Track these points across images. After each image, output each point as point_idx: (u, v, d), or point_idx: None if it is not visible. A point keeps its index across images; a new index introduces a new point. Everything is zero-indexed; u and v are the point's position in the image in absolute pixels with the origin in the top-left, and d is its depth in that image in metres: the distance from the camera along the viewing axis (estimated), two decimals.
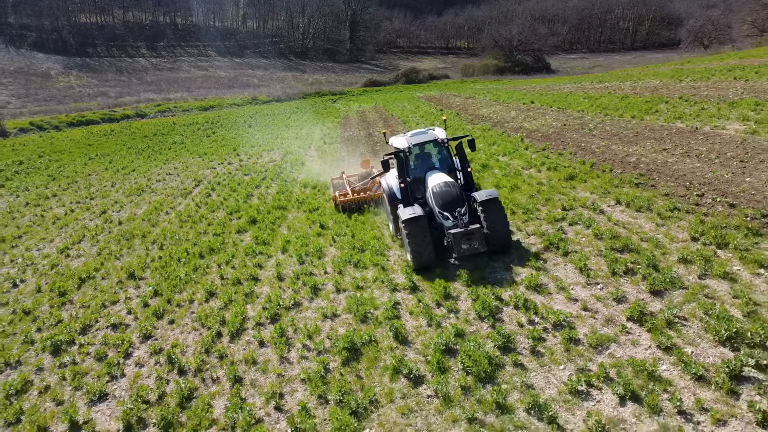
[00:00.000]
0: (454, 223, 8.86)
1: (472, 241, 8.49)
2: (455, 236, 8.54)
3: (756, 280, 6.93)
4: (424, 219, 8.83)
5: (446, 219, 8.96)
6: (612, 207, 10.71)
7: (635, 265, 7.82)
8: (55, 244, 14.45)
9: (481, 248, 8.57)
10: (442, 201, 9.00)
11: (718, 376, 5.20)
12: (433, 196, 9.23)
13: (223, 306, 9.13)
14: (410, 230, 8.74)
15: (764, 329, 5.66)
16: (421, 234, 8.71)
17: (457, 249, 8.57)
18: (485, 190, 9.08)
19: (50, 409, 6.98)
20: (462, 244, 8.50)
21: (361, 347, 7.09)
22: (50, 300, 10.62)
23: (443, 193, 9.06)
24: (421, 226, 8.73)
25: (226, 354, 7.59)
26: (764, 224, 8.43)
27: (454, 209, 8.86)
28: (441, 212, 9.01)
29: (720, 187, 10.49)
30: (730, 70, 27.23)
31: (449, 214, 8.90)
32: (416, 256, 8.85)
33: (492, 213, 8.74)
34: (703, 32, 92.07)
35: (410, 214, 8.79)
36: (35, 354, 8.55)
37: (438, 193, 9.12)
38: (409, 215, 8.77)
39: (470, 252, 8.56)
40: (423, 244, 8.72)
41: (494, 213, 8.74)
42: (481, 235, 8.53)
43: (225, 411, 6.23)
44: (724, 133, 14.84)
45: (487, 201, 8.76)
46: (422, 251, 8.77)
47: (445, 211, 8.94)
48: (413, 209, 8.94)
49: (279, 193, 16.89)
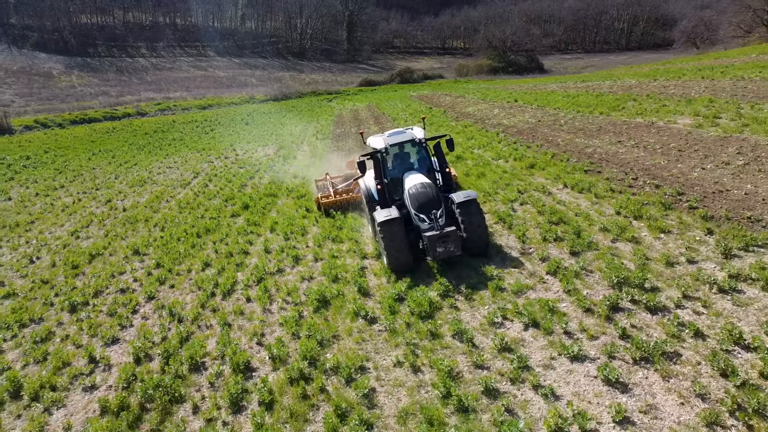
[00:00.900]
0: (430, 225, 8.66)
1: (447, 243, 8.31)
2: (430, 239, 8.35)
3: (656, 242, 8.39)
4: (400, 221, 8.65)
5: (422, 221, 8.77)
6: (559, 190, 12.17)
7: (563, 233, 9.27)
8: (65, 228, 15.87)
9: (457, 251, 8.38)
10: (418, 202, 8.81)
11: (600, 308, 6.66)
12: (409, 197, 9.03)
13: (217, 273, 10.56)
14: (386, 233, 8.58)
15: (644, 275, 7.12)
16: (396, 236, 8.56)
17: (432, 252, 8.39)
18: (463, 191, 8.95)
19: (71, 350, 8.40)
20: (437, 247, 8.31)
21: (330, 299, 8.52)
22: (65, 272, 12.04)
23: (419, 195, 8.85)
24: (396, 229, 8.57)
25: (218, 308, 9.02)
26: (676, 200, 9.89)
27: (430, 211, 8.68)
28: (417, 214, 8.83)
29: (654, 172, 11.95)
30: (700, 70, 28.73)
31: (425, 216, 8.71)
32: (392, 258, 8.74)
33: (469, 215, 8.59)
34: (695, 33, 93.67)
35: (386, 216, 8.60)
36: (55, 312, 9.98)
37: (414, 195, 8.92)
38: (384, 217, 8.58)
39: (445, 255, 8.39)
40: (399, 247, 8.59)
41: (472, 215, 8.60)
42: (456, 237, 8.36)
43: (216, 346, 7.67)
44: (675, 127, 16.30)
45: (464, 202, 8.60)
46: (398, 254, 8.65)
47: (421, 212, 8.75)
48: (389, 211, 8.77)
49: (271, 183, 18.32)
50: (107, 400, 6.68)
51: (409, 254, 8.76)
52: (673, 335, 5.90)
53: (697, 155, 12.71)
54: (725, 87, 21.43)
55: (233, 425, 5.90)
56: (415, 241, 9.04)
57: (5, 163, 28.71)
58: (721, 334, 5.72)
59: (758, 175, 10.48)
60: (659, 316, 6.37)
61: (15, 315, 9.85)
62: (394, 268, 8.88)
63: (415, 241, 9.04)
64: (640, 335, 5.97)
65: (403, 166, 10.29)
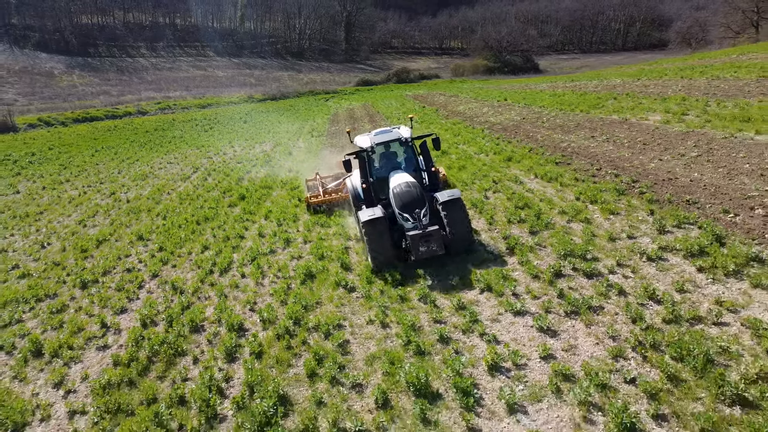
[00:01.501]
0: (413, 224, 8.65)
1: (430, 243, 8.31)
2: (413, 238, 8.36)
3: (604, 222, 9.44)
4: (383, 220, 8.64)
5: (406, 220, 8.78)
6: (530, 180, 13.22)
7: (526, 216, 10.32)
8: (72, 218, 16.89)
9: (440, 250, 8.39)
10: (401, 202, 8.83)
11: (546, 275, 7.70)
12: (393, 196, 9.04)
13: (215, 254, 11.59)
14: (369, 232, 8.58)
15: (587, 248, 8.17)
16: (379, 236, 8.55)
17: (414, 251, 8.40)
18: (447, 191, 8.96)
19: (85, 318, 9.42)
20: (420, 247, 8.33)
21: (316, 273, 9.56)
22: (75, 255, 13.06)
23: (403, 194, 8.88)
24: (380, 228, 8.56)
25: (215, 283, 10.05)
26: (630, 187, 10.95)
27: (413, 210, 8.69)
28: (400, 213, 8.85)
29: (617, 163, 13.00)
30: (682, 70, 29.80)
31: (409, 215, 8.72)
32: (375, 258, 8.72)
33: (453, 214, 8.60)
34: (690, 33, 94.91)
35: (369, 215, 8.63)
36: (68, 288, 11.00)
37: (398, 194, 8.95)
38: (368, 217, 8.60)
39: (428, 254, 8.39)
40: (382, 246, 8.59)
41: (455, 213, 8.61)
42: (439, 236, 8.35)
43: (213, 312, 8.70)
44: (645, 123, 17.36)
45: (448, 201, 8.62)
46: (381, 253, 8.65)
47: (405, 212, 8.76)
48: (373, 210, 8.80)
49: (266, 176, 19.36)
50: (119, 355, 7.72)
51: (393, 254, 8.76)
52: (601, 294, 6.95)
53: (658, 148, 13.77)
54: (700, 86, 22.49)
55: (228, 371, 6.92)
56: (399, 240, 8.98)
57: (11, 159, 29.72)
58: (638, 292, 6.77)
59: (706, 165, 11.53)
60: (593, 280, 7.42)
61: (31, 291, 10.87)
62: (377, 268, 8.81)
63: (399, 240, 8.98)
64: (573, 294, 7.02)
65: (389, 165, 10.32)
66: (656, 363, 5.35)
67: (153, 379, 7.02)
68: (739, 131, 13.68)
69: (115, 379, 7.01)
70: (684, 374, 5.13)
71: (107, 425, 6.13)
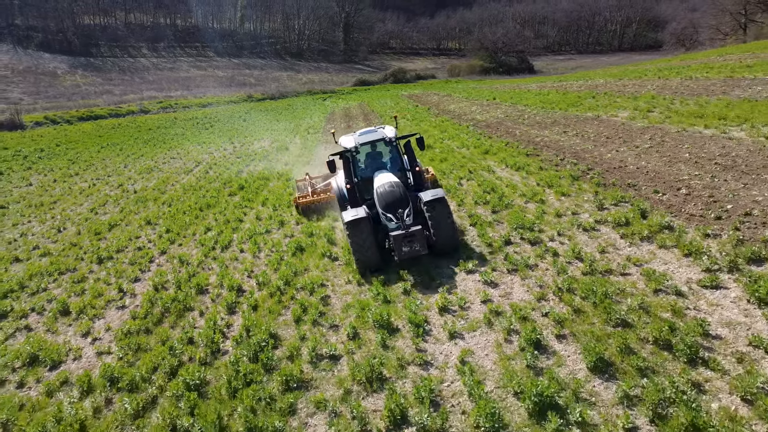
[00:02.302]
0: (397, 224, 8.64)
1: (413, 243, 8.30)
2: (395, 238, 8.35)
3: (556, 202, 10.86)
4: (367, 221, 8.61)
5: (389, 220, 8.79)
6: (501, 169, 14.63)
7: (490, 198, 11.72)
8: (84, 207, 18.28)
9: (423, 250, 8.36)
10: (385, 202, 8.82)
11: (497, 243, 9.11)
12: (377, 196, 9.05)
13: (217, 235, 12.98)
14: (352, 232, 8.54)
15: (535, 221, 9.58)
16: (363, 236, 8.51)
17: (397, 251, 8.37)
18: (431, 190, 8.90)
19: (103, 286, 10.81)
20: (402, 247, 8.32)
21: (305, 247, 10.96)
22: (89, 237, 14.45)
23: (386, 194, 8.86)
24: (363, 229, 8.52)
25: (217, 257, 11.44)
26: (584, 174, 12.36)
27: (397, 210, 8.68)
28: (384, 213, 8.84)
29: (579, 154, 14.41)
30: (660, 70, 31.23)
31: (392, 215, 8.71)
32: (359, 258, 8.67)
33: (437, 213, 8.53)
34: (684, 35, 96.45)
35: (353, 216, 8.57)
36: (86, 264, 12.39)
37: (382, 194, 8.93)
38: (351, 217, 8.55)
39: (411, 254, 8.39)
40: (365, 247, 8.54)
41: (439, 213, 8.54)
42: (422, 236, 8.33)
43: (216, 278, 10.10)
44: (614, 119, 18.78)
45: (432, 201, 8.55)
46: (365, 254, 8.60)
47: (388, 212, 8.76)
48: (356, 211, 8.74)
49: (264, 169, 20.76)
50: (136, 311, 9.12)
51: (377, 254, 8.70)
52: (538, 255, 8.36)
53: (618, 141, 15.18)
54: (672, 85, 23.91)
55: (228, 320, 8.32)
56: (383, 240, 9.00)
57: (21, 155, 31.12)
58: (568, 253, 8.18)
59: (653, 155, 12.94)
60: (535, 246, 8.83)
61: (53, 266, 12.26)
62: (361, 268, 8.76)
63: (383, 240, 9.00)
64: (516, 257, 8.43)
65: (374, 166, 10.35)
66: (567, 302, 6.77)
67: (166, 327, 8.41)
68: (692, 126, 15.10)
69: (134, 328, 8.40)
70: (586, 308, 6.55)
71: (130, 359, 7.53)
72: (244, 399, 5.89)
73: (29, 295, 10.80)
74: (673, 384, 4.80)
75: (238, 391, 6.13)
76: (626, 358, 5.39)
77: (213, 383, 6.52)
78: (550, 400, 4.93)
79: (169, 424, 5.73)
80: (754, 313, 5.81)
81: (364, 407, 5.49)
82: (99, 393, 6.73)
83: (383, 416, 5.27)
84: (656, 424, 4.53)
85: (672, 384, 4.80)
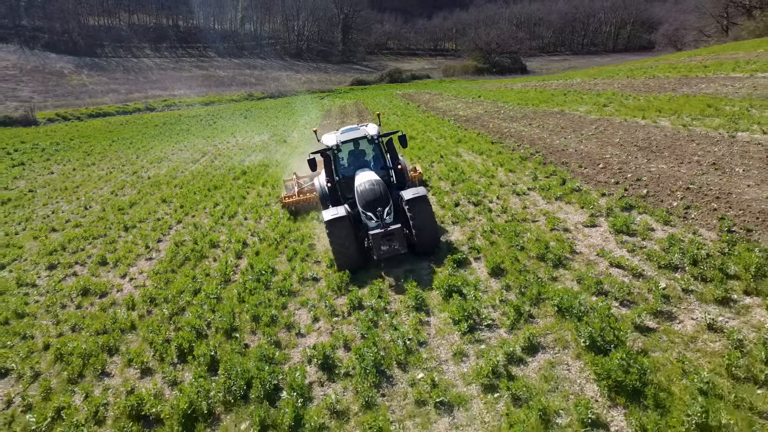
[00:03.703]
0: (377, 223, 8.60)
1: (392, 242, 8.25)
2: (374, 237, 8.30)
3: (503, 177, 13.26)
4: (346, 220, 8.54)
5: (369, 219, 8.75)
6: (468, 154, 17.03)
7: (452, 175, 14.12)
8: (105, 190, 20.65)
9: (402, 249, 8.31)
10: (365, 200, 8.76)
11: (449, 205, 11.51)
12: (357, 195, 8.99)
13: (224, 208, 15.36)
14: (332, 231, 8.50)
15: (482, 190, 11.99)
16: (342, 235, 8.47)
17: (376, 250, 8.33)
18: (413, 188, 8.84)
19: (133, 246, 13.19)
20: (381, 245, 8.27)
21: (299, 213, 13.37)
22: (114, 213, 16.83)
23: (367, 192, 8.80)
24: (343, 228, 8.48)
25: (225, 223, 13.83)
26: (532, 155, 14.77)
27: (377, 208, 8.63)
28: (364, 212, 8.80)
29: (534, 141, 16.80)
30: (631, 70, 33.66)
31: (372, 214, 8.67)
32: (338, 258, 8.64)
33: (418, 212, 8.48)
34: (676, 36, 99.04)
35: (332, 215, 8.53)
36: (114, 231, 14.76)
37: (362, 192, 8.88)
38: (330, 216, 8.52)
39: (390, 253, 8.34)
40: (345, 246, 8.49)
41: (420, 212, 8.49)
42: (401, 235, 8.30)
43: (225, 236, 12.49)
44: (574, 113, 21.18)
45: (413, 200, 8.49)
46: (345, 253, 8.55)
47: (368, 210, 8.71)
48: (336, 210, 8.68)
49: (264, 158, 23.16)
50: (162, 259, 11.51)
51: (357, 253, 8.66)
52: (477, 212, 10.76)
53: (570, 131, 17.59)
54: (635, 84, 26.32)
55: (236, 262, 10.71)
56: (365, 240, 9.02)
57: (39, 147, 33.52)
58: (498, 209, 10.59)
59: (592, 141, 15.34)
60: (477, 207, 11.23)
61: (86, 233, 14.63)
62: (341, 268, 8.71)
63: (365, 240, 9.02)
64: (460, 214, 10.83)
65: (356, 164, 10.35)
66: (487, 237, 9.17)
67: (187, 268, 10.80)
68: (633, 117, 17.51)
69: (162, 270, 10.79)
70: (498, 241, 8.95)
71: (162, 285, 9.92)
72: (249, 301, 8.29)
73: (71, 253, 13.18)
74: (537, 277, 7.20)
75: (245, 299, 8.53)
76: (514, 265, 7.80)
77: (226, 297, 8.91)
78: (458, 289, 7.32)
79: (198, 317, 8.12)
80: (609, 239, 8.23)
81: (334, 302, 7.89)
82: (141, 307, 9.12)
83: (346, 304, 7.68)
84: (521, 295, 6.92)
85: (536, 277, 7.21)
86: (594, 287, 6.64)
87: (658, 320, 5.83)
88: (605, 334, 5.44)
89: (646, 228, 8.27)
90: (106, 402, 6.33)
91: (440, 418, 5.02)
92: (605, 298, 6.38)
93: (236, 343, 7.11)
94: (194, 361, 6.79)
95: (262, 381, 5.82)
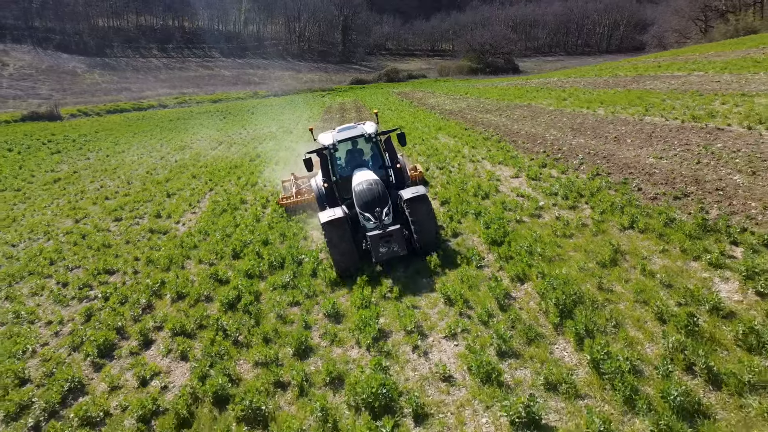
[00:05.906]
0: (375, 224, 8.37)
1: (390, 243, 8.01)
2: (372, 239, 8.06)
3: (467, 152, 16.99)
4: (343, 221, 8.26)
5: (367, 220, 8.49)
6: (444, 137, 20.78)
7: (431, 154, 17.83)
8: (140, 171, 24.38)
9: (401, 251, 8.06)
10: (362, 201, 8.50)
11: (430, 169, 15.26)
12: (355, 195, 8.73)
13: (246, 180, 19.10)
14: (329, 233, 8.24)
15: (448, 160, 15.73)
16: (340, 237, 8.19)
17: (374, 252, 8.08)
18: (412, 188, 8.56)
19: (177, 207, 16.87)
20: (380, 247, 8.02)
21: None
22: (154, 185, 20.54)
23: (364, 192, 8.55)
24: (340, 229, 8.20)
25: (249, 190, 17.55)
26: (491, 136, 18.52)
27: (375, 209, 8.37)
28: (361, 213, 8.53)
29: (499, 128, 20.54)
30: (600, 69, 37.43)
31: (370, 215, 8.42)
32: (336, 260, 8.34)
33: (418, 212, 8.27)
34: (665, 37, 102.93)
35: (329, 216, 8.26)
36: (158, 197, 18.46)
37: (360, 192, 8.62)
38: (327, 218, 8.24)
39: (389, 255, 8.10)
40: (342, 248, 8.22)
41: (420, 212, 8.29)
42: (400, 236, 8.04)
43: (251, 197, 16.21)
44: (539, 106, 24.92)
45: (412, 199, 8.27)
46: (342, 255, 8.27)
47: (366, 211, 8.46)
48: (333, 211, 8.43)
49: (275, 144, 26.91)
50: (204, 212, 15.24)
51: (355, 255, 8.39)
52: (441, 173, 14.49)
53: (529, 118, 21.33)
54: (597, 81, 30.07)
55: (263, 211, 14.41)
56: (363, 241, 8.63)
57: (70, 138, 37.28)
58: (456, 171, 14.32)
59: (542, 125, 19.06)
60: (441, 170, 14.95)
61: (136, 199, 18.36)
62: (339, 271, 8.42)
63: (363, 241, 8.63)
64: (429, 174, 14.54)
65: (354, 163, 10.08)
66: (444, 186, 12.91)
67: (227, 215, 14.53)
68: (581, 108, 21.25)
69: (205, 218, 14.52)
70: (451, 188, 12.68)
71: (209, 224, 13.65)
72: (276, 227, 12.02)
73: (129, 211, 16.90)
74: (469, 205, 10.94)
75: (273, 226, 12.26)
76: (457, 198, 11.54)
77: (259, 227, 12.62)
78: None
79: (244, 233, 11.84)
80: (524, 183, 12.00)
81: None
82: (198, 237, 12.85)
83: None
84: (456, 213, 10.64)
85: (468, 205, 10.95)
86: (500, 205, 10.40)
87: (531, 217, 9.61)
88: (496, 223, 9.21)
89: (549, 176, 12.03)
90: (193, 277, 10.07)
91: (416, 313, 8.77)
92: (504, 210, 10.15)
93: (272, 246, 10.85)
94: (245, 257, 10.53)
95: (293, 256, 9.56)
